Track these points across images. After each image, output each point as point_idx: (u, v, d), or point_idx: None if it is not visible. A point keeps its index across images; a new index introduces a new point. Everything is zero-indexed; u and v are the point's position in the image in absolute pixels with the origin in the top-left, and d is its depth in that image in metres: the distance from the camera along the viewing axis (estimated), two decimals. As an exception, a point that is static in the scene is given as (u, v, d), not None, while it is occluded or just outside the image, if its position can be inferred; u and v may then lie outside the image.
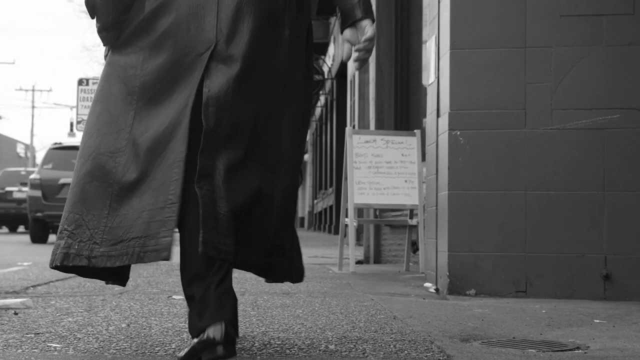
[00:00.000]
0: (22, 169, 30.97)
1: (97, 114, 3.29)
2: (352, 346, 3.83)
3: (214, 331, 3.07)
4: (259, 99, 3.24)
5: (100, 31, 3.35)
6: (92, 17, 3.34)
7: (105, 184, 3.24)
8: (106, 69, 3.38)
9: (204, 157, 3.11)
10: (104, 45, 3.43)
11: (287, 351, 3.66)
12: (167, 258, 3.15)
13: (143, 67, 3.25)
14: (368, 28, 3.40)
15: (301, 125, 3.44)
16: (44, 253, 13.22)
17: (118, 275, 3.56)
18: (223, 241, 3.11)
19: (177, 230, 3.19)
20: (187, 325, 3.89)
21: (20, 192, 26.25)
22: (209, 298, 3.12)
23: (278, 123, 3.33)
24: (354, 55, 3.41)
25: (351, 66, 12.23)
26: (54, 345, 3.72)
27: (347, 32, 3.45)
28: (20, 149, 66.12)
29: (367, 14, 3.43)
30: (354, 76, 17.57)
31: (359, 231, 14.07)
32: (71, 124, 48.39)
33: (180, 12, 3.21)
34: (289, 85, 3.35)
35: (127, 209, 3.19)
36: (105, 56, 3.46)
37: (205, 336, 3.08)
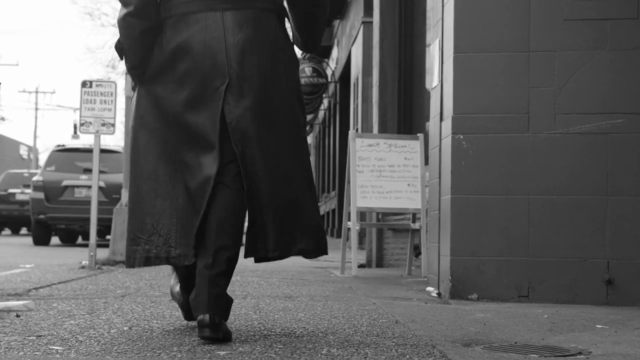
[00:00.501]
0: (25, 170, 30.99)
1: (144, 139, 4.01)
2: (354, 350, 3.82)
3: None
4: (269, 121, 3.96)
5: (129, 70, 4.05)
6: (121, 59, 4.05)
7: (169, 200, 3.98)
8: (138, 99, 4.06)
9: (245, 179, 3.91)
10: (133, 81, 4.11)
11: (289, 355, 3.65)
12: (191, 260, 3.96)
13: (172, 98, 3.94)
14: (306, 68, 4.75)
15: (300, 131, 4.15)
16: (47, 255, 13.23)
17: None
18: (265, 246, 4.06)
19: None
20: (189, 329, 4.08)
21: (23, 194, 26.26)
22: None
23: (283, 134, 4.03)
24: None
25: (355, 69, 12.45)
26: (55, 348, 3.72)
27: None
28: (23, 151, 66.13)
29: (309, 48, 4.29)
30: (357, 79, 17.57)
31: (362, 235, 14.08)
32: (74, 126, 48.48)
33: (196, 53, 3.90)
34: (288, 104, 4.07)
35: (189, 220, 3.95)
36: (133, 88, 4.16)
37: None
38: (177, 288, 4.43)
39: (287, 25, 4.23)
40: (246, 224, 4.07)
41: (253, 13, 3.96)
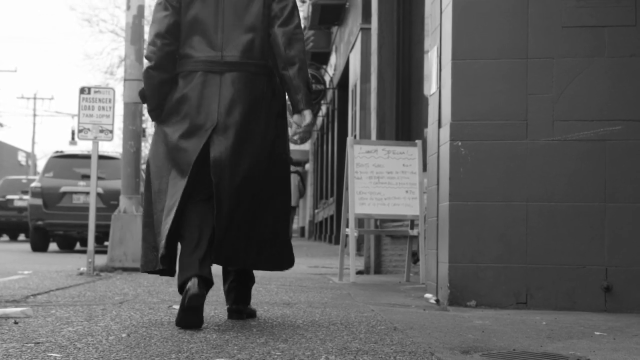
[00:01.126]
0: (23, 177, 30.94)
1: (155, 165, 5.00)
2: (352, 357, 3.82)
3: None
4: (248, 156, 4.87)
5: (149, 111, 5.07)
6: (144, 103, 5.11)
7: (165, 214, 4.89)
8: (156, 134, 5.09)
9: (215, 202, 4.78)
10: (152, 120, 5.09)
11: (287, 362, 3.65)
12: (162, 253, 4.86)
13: (173, 135, 4.93)
14: (308, 116, 5.02)
15: (282, 170, 5.11)
16: (45, 262, 13.22)
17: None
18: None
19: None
20: (187, 336, 4.05)
21: (21, 200, 26.21)
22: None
23: (264, 167, 4.96)
24: (297, 133, 5.05)
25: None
26: (53, 355, 3.71)
27: (295, 117, 5.04)
28: (21, 157, 66.13)
29: (307, 105, 5.01)
30: (355, 86, 17.58)
31: (360, 241, 14.07)
32: (72, 132, 48.47)
33: (194, 102, 4.91)
34: (266, 146, 4.98)
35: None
36: (153, 123, 5.23)
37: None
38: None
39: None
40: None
41: (245, 75, 4.95)
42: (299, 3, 30.14)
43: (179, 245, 4.88)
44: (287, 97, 5.11)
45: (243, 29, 4.97)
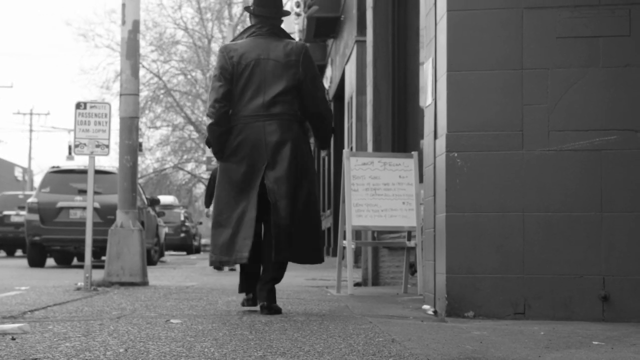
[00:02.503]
0: (19, 192, 30.91)
1: (222, 193, 6.75)
2: (350, 370, 3.81)
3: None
4: (291, 182, 6.58)
5: (214, 154, 6.85)
6: (209, 148, 6.93)
7: (231, 228, 6.67)
8: (221, 171, 6.81)
9: (272, 217, 6.58)
10: (217, 159, 6.87)
11: (285, 375, 3.65)
12: (245, 260, 6.56)
13: (236, 171, 6.66)
14: (323, 153, 7.52)
15: (313, 188, 6.79)
16: (42, 277, 13.20)
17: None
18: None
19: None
20: (185, 350, 4.01)
21: (18, 215, 26.16)
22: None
23: (302, 189, 6.67)
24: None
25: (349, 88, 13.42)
26: (51, 370, 3.70)
27: (322, 152, 7.49)
28: (18, 173, 66.14)
29: (323, 147, 7.22)
30: (351, 98, 17.60)
31: (357, 253, 14.06)
32: (69, 147, 48.36)
33: (248, 147, 6.62)
34: (305, 172, 6.72)
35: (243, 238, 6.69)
36: (217, 162, 7.01)
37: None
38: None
39: None
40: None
41: (281, 123, 6.62)
42: (294, 16, 30.26)
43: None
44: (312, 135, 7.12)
45: (280, 92, 6.62)
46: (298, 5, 30.49)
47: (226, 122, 6.65)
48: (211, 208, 15.51)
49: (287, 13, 6.98)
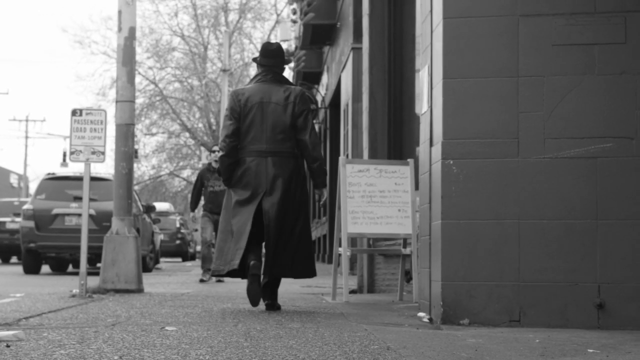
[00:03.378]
0: (15, 199, 30.87)
1: (229, 214, 7.86)
2: (345, 377, 3.81)
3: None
4: (284, 208, 7.68)
5: (224, 181, 7.98)
6: (220, 177, 9.89)
7: (235, 242, 7.75)
8: (227, 194, 7.98)
9: (265, 236, 7.71)
10: (225, 186, 8.05)
11: (280, 383, 3.64)
12: (235, 267, 7.59)
13: (241, 195, 7.78)
14: (325, 193, 8.11)
15: (303, 213, 7.85)
16: (37, 284, 13.18)
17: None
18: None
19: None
20: (179, 357, 4.00)
21: (14, 222, 26.09)
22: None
23: (292, 214, 7.76)
24: (318, 201, 8.10)
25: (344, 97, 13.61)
26: (45, 378, 3.69)
27: (316, 192, 8.11)
28: (13, 179, 66.01)
29: (324, 185, 8.06)
30: (347, 105, 17.61)
31: (353, 260, 14.06)
32: (64, 154, 48.35)
33: (251, 177, 7.73)
34: (297, 201, 7.79)
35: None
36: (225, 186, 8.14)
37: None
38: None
39: None
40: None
41: (280, 158, 7.77)
42: (290, 24, 30.24)
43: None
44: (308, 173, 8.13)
45: (279, 130, 7.78)
46: (294, 12, 30.53)
47: (235, 155, 7.84)
48: (196, 212, 15.61)
49: (289, 62, 8.28)
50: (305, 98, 7.96)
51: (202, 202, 15.42)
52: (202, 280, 14.25)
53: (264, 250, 7.82)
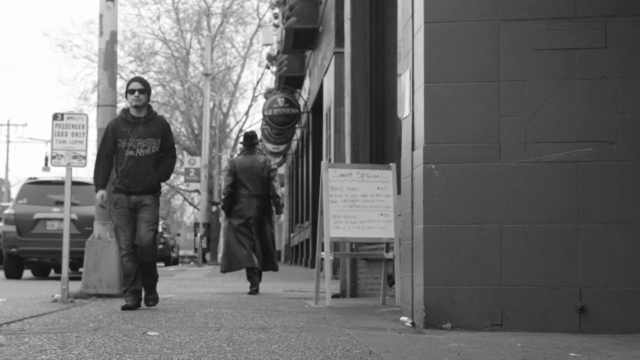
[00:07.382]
0: (-4, 204, 30.74)
1: (230, 237, 12.19)
2: (327, 382, 3.81)
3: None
4: (264, 224, 12.30)
5: (225, 214, 12.50)
6: (222, 210, 13.07)
7: (239, 249, 12.33)
8: (228, 221, 12.26)
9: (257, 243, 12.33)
10: (226, 216, 12.74)
11: (262, 388, 3.64)
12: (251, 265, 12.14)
13: (237, 222, 11.97)
14: (279, 215, 16.29)
15: (270, 228, 12.53)
16: (19, 289, 13.13)
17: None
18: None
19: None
20: None
21: (-5, 227, 26.01)
22: None
23: (266, 229, 12.36)
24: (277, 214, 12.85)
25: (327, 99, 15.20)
26: (26, 383, 3.69)
27: (276, 214, 12.68)
28: (-6, 184, 65.76)
29: (278, 212, 12.59)
30: (329, 109, 17.62)
31: (336, 265, 14.06)
32: (46, 159, 48.22)
33: (244, 210, 11.96)
34: (267, 222, 12.40)
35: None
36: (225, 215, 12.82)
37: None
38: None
39: None
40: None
41: (261, 199, 11.95)
42: (272, 28, 30.24)
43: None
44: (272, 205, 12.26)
45: (259, 181, 11.94)
46: (276, 17, 30.51)
47: (232, 198, 12.01)
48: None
49: (259, 142, 14.35)
50: (271, 163, 12.26)
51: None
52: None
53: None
